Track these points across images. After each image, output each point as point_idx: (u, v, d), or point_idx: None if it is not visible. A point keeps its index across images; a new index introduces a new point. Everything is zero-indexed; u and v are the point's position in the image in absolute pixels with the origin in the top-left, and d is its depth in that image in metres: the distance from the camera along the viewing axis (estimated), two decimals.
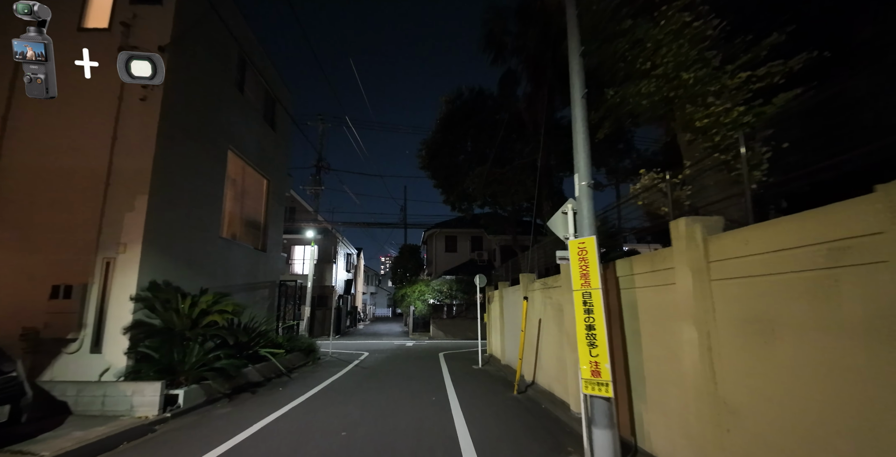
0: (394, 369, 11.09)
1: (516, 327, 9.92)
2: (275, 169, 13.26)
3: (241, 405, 7.04)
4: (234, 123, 10.52)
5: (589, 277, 4.08)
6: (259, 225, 12.60)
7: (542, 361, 7.86)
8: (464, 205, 14.95)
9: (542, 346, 7.77)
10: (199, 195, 9.02)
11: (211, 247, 9.51)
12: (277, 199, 13.54)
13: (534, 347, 8.13)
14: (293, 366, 11.20)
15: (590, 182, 4.38)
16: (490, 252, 25.17)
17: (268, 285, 12.84)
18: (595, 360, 3.95)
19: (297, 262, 24.04)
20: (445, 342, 19.46)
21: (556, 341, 6.90)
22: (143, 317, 7.29)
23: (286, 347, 11.27)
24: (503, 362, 11.58)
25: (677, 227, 3.53)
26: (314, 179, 20.75)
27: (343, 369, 10.89)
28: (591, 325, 4.01)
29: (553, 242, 8.53)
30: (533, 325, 8.17)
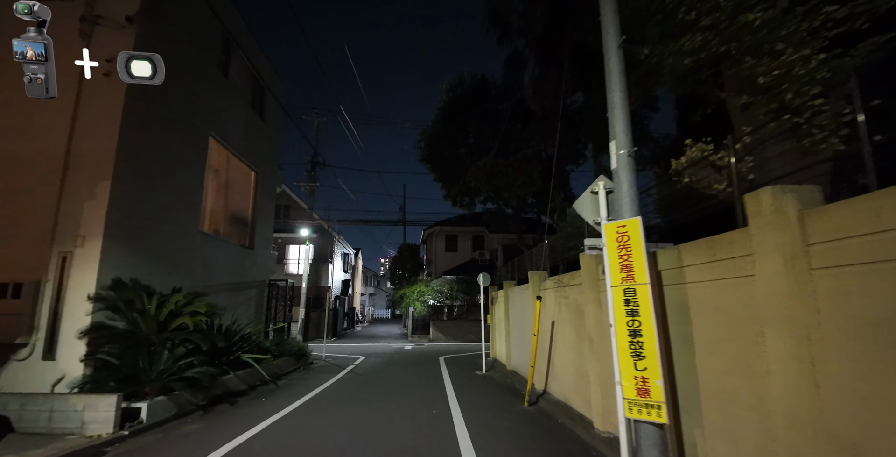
0: (390, 375, 10.21)
1: (525, 330, 9.05)
2: (264, 161, 12.41)
3: (215, 420, 6.17)
4: (216, 107, 9.67)
5: (633, 269, 3.23)
6: (246, 221, 11.73)
7: (555, 368, 6.99)
8: (465, 200, 14.08)
9: (556, 352, 6.90)
10: (174, 185, 8.16)
11: (189, 242, 8.64)
12: (267, 193, 12.69)
13: (546, 353, 7.26)
14: (281, 372, 10.33)
15: (630, 150, 3.52)
16: (492, 251, 24.31)
17: (256, 285, 11.97)
18: (642, 375, 3.09)
19: (291, 261, 23.16)
20: (446, 345, 18.57)
21: (574, 348, 6.04)
22: (104, 319, 6.42)
23: (274, 351, 10.42)
24: (509, 368, 10.70)
25: (758, 201, 2.67)
26: (309, 176, 19.91)
27: (335, 376, 10.01)
28: (637, 330, 3.15)
29: (570, 236, 7.68)
30: (545, 329, 7.31)
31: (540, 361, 7.57)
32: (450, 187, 13.57)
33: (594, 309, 5.18)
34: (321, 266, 23.25)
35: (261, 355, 8.87)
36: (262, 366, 9.36)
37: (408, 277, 24.30)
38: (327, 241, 23.65)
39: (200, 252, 9.03)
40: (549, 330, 7.12)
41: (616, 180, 3.58)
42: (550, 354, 7.11)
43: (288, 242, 23.19)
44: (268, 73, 12.75)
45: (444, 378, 9.53)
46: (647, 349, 3.07)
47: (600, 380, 5.02)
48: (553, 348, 7.01)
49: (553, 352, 7.03)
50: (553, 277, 7.11)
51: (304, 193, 21.44)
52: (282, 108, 13.63)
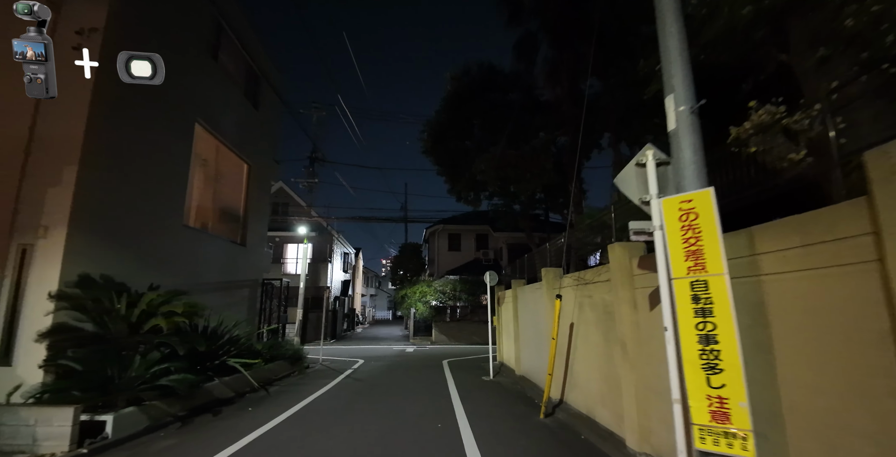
0: (391, 381, 9.48)
1: (537, 332, 8.31)
2: (258, 153, 11.71)
3: (192, 434, 5.46)
4: (204, 92, 8.98)
5: (703, 255, 2.50)
6: (238, 216, 11.03)
7: (575, 376, 6.25)
8: (471, 195, 13.35)
9: (576, 357, 6.16)
10: (156, 173, 7.46)
11: (172, 237, 7.94)
12: (261, 187, 11.98)
13: (563, 358, 6.53)
14: (275, 377, 9.61)
15: (694, 105, 2.80)
16: (496, 251, 23.56)
17: (248, 284, 11.26)
18: (718, 394, 2.36)
19: (289, 261, 22.46)
20: (449, 348, 17.82)
21: (601, 353, 5.30)
22: (68, 320, 5.71)
23: (266, 355, 9.69)
24: (518, 373, 9.96)
25: (889, 159, 1.95)
26: (308, 172, 19.25)
27: (332, 381, 9.28)
28: (710, 336, 2.42)
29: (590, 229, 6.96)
30: (562, 331, 6.57)
31: (556, 367, 6.84)
32: (454, 182, 12.83)
33: (628, 310, 4.45)
34: (320, 266, 22.54)
35: (250, 360, 8.15)
36: (252, 371, 8.65)
37: (409, 277, 23.58)
38: (326, 240, 22.94)
39: (185, 248, 8.33)
40: (566, 333, 6.38)
41: (675, 145, 2.85)
42: (569, 359, 6.37)
43: (286, 241, 22.49)
44: (263, 61, 12.07)
45: (448, 385, 8.79)
46: (727, 361, 2.34)
47: (635, 392, 4.28)
48: (572, 352, 6.27)
49: (572, 357, 6.29)
50: (571, 274, 6.38)
51: (303, 190, 20.79)
52: (279, 99, 12.95)
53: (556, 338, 5.72)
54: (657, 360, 4.01)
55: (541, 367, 8.19)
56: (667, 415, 3.66)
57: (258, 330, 11.72)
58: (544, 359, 7.88)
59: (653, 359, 4.09)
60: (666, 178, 3.13)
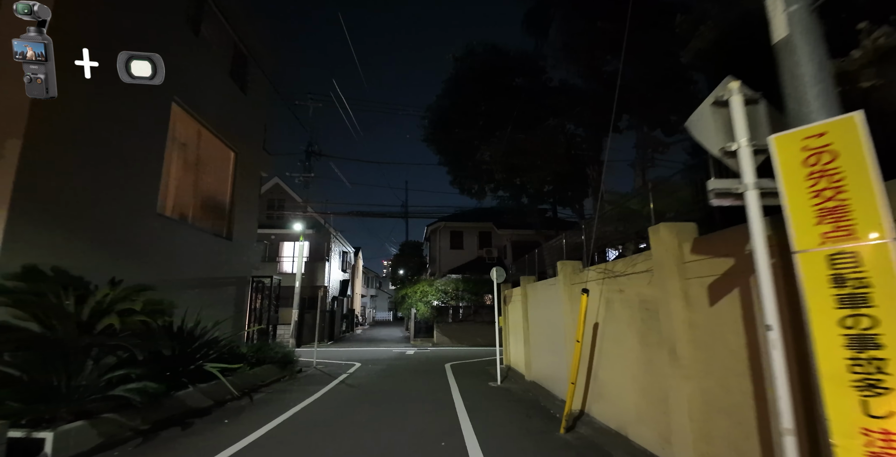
0: (389, 387, 8.61)
1: (552, 333, 7.44)
2: (246, 141, 10.89)
3: (151, 453, 4.60)
4: (182, 68, 8.15)
5: (850, 214, 1.65)
6: (223, 207, 10.20)
7: (600, 384, 5.38)
8: (475, 188, 12.51)
9: (603, 363, 5.30)
10: (124, 154, 6.64)
11: (144, 226, 7.11)
12: (249, 177, 11.15)
13: (585, 363, 5.66)
14: (261, 383, 8.76)
15: (812, 2, 1.93)
16: (500, 249, 22.70)
17: (235, 282, 10.42)
18: (884, 426, 1.50)
19: (285, 259, 21.62)
20: (451, 350, 16.94)
21: (636, 359, 4.43)
22: (8, 318, 4.86)
23: (251, 358, 8.85)
24: (529, 378, 9.08)
25: None
26: (304, 166, 18.45)
27: (323, 388, 8.42)
28: (867, 337, 1.56)
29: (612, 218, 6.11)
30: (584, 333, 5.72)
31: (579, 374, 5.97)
32: (458, 172, 11.98)
33: (678, 306, 3.58)
34: (317, 265, 21.70)
35: (231, 365, 7.30)
36: (234, 376, 7.80)
37: (410, 276, 22.73)
38: (324, 238, 22.10)
39: (160, 239, 7.49)
40: (589, 334, 5.51)
41: (787, 61, 2.01)
42: (592, 365, 5.50)
43: (282, 239, 21.67)
44: (252, 42, 11.25)
45: (452, 392, 7.93)
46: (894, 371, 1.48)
47: (691, 408, 3.42)
48: (597, 357, 5.40)
49: (596, 363, 5.42)
50: (596, 267, 5.52)
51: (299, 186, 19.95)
52: (269, 84, 12.13)
53: (581, 340, 4.85)
54: (724, 368, 3.14)
55: (556, 372, 7.32)
56: (742, 441, 2.79)
57: (246, 331, 10.87)
58: (560, 364, 7.02)
59: (716, 367, 3.23)
60: (756, 120, 2.27)
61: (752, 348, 2.87)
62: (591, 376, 5.55)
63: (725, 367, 3.14)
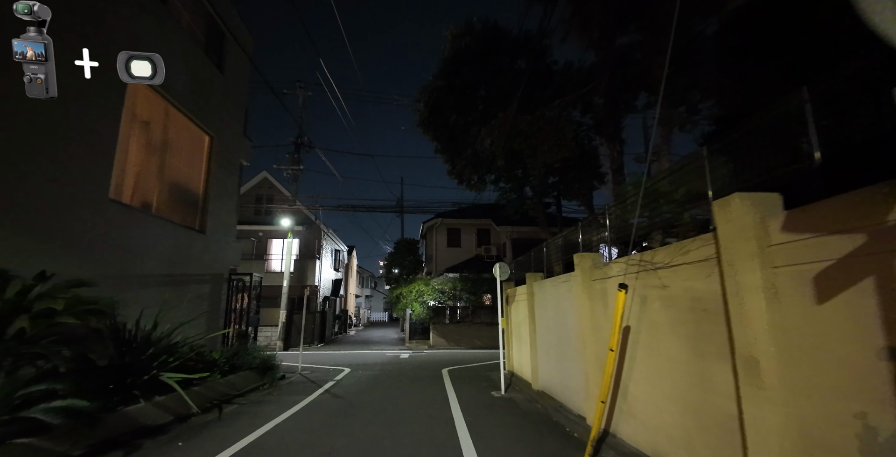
0: (378, 397, 7.64)
1: (564, 337, 6.51)
2: (223, 125, 9.89)
3: None
4: (145, 38, 7.17)
5: None
6: (195, 197, 9.19)
7: (631, 401, 4.43)
8: (474, 178, 11.54)
9: (635, 376, 4.35)
10: (64, 128, 5.64)
11: (90, 212, 6.10)
12: (226, 165, 10.14)
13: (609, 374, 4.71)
14: (236, 392, 7.79)
15: None
16: (499, 247, 21.75)
17: (210, 279, 9.41)
18: None
19: (274, 257, 20.58)
20: (449, 353, 15.98)
21: (685, 372, 3.49)
22: None
23: (223, 365, 7.86)
24: (536, 387, 8.14)
25: None
26: (292, 158, 17.38)
27: (305, 399, 7.44)
28: None
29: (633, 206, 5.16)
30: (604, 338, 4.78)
31: (595, 385, 5.03)
32: (455, 161, 10.99)
33: (760, 304, 2.65)
34: (307, 263, 20.67)
35: (195, 374, 6.31)
36: (204, 386, 6.87)
37: (405, 276, 21.75)
38: (315, 235, 21.07)
39: (113, 228, 6.49)
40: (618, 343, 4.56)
41: None
42: (620, 377, 4.55)
43: (270, 236, 20.63)
44: (231, 16, 10.27)
45: (450, 403, 6.97)
46: None
47: (782, 443, 2.48)
48: (626, 368, 4.46)
49: (626, 375, 4.47)
50: (625, 258, 4.57)
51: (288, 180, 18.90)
52: (249, 64, 11.13)
53: (616, 349, 3.89)
54: (833, 390, 2.21)
55: (568, 381, 6.39)
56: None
57: (225, 334, 9.86)
58: (574, 372, 6.08)
59: (821, 388, 2.29)
60: None
61: (892, 361, 1.95)
62: (618, 390, 4.60)
63: (836, 388, 2.21)
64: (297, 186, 17.55)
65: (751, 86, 6.38)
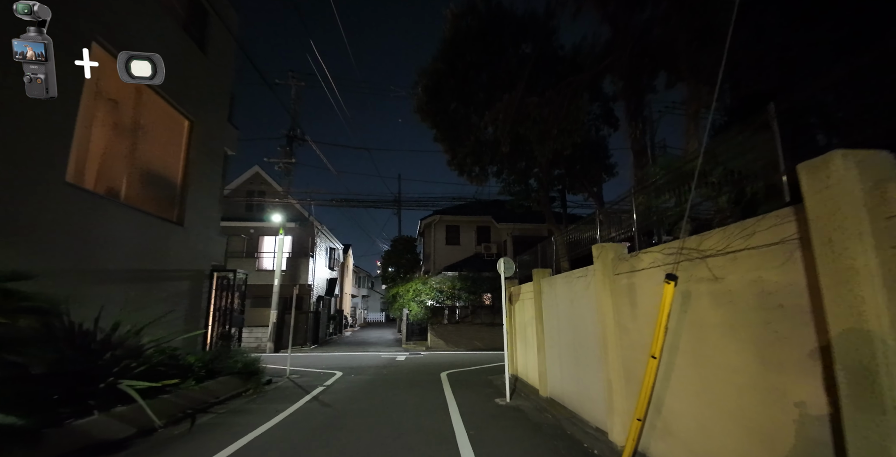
0: (370, 406, 6.93)
1: (579, 339, 5.81)
2: (205, 109, 9.16)
3: None
4: (111, 7, 6.44)
5: None
6: (173, 185, 8.45)
7: (668, 417, 3.72)
8: (476, 170, 10.84)
9: (674, 386, 3.64)
10: (10, 100, 4.91)
11: (43, 198, 5.37)
12: (210, 153, 9.41)
13: (635, 382, 4.01)
14: (214, 400, 7.08)
15: None
16: (499, 245, 21.05)
17: (188, 276, 8.68)
18: None
19: (265, 255, 19.82)
20: (447, 355, 15.26)
21: (749, 386, 2.79)
22: None
23: (198, 371, 7.13)
24: (545, 394, 7.43)
25: None
26: (284, 151, 16.63)
27: (290, 407, 6.72)
28: None
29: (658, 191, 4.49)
30: (636, 342, 4.08)
31: (627, 396, 4.32)
32: (456, 150, 10.27)
33: (876, 296, 1.95)
34: (301, 261, 19.92)
35: (158, 383, 5.57)
36: (176, 394, 6.15)
37: (402, 275, 21.02)
38: (308, 232, 20.31)
39: (70, 216, 5.75)
40: (643, 343, 3.87)
41: None
42: (654, 388, 3.84)
43: (262, 233, 19.87)
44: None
45: (451, 413, 6.26)
46: None
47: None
48: (662, 377, 3.74)
49: (661, 385, 3.76)
50: (660, 247, 3.87)
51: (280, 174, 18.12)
52: (234, 44, 10.40)
53: (659, 356, 3.18)
54: None
55: (583, 389, 5.68)
56: None
57: (199, 334, 9.12)
58: (590, 378, 5.37)
59: None
60: None
61: None
62: (650, 403, 3.89)
63: None
64: (289, 180, 16.81)
65: (790, 59, 5.69)
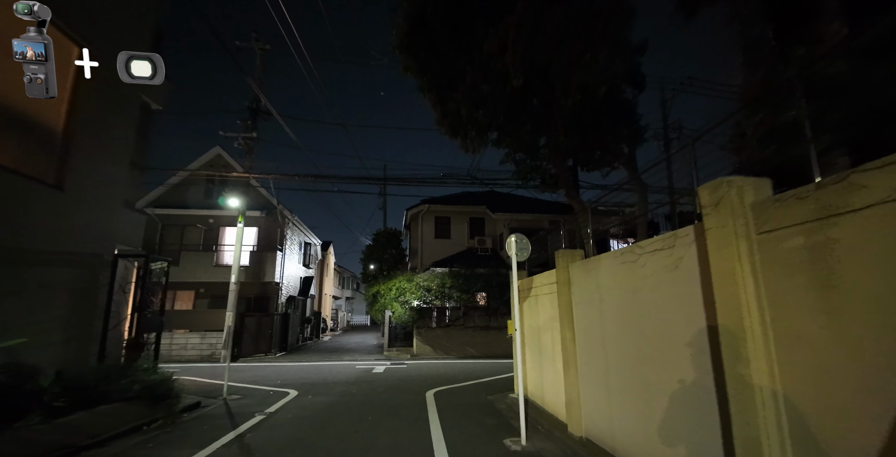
0: (320, 453, 4.56)
1: (644, 349, 3.53)
2: (107, 35, 6.71)
3: None
4: None
5: None
6: (50, 135, 6.01)
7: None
8: (472, 132, 8.55)
9: None
10: None
11: None
12: (115, 98, 6.96)
13: (748, 413, 1.72)
14: (90, 440, 4.68)
15: None
16: (495, 238, 18.79)
17: (72, 261, 6.23)
18: None
19: (227, 249, 17.25)
20: (435, 365, 12.87)
21: None
22: None
23: (57, 399, 4.73)
24: (578, 433, 5.13)
25: None
26: (246, 125, 14.22)
27: (200, 452, 4.34)
28: None
29: None
30: (782, 358, 1.82)
31: (748, 445, 2.05)
32: (446, 102, 7.93)
33: None
34: (267, 255, 17.39)
35: None
36: (9, 436, 3.75)
37: (385, 272, 18.61)
38: (275, 222, 17.79)
39: None
40: (761, 348, 1.62)
41: None
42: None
43: (222, 224, 17.32)
44: None
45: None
46: None
47: None
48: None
49: None
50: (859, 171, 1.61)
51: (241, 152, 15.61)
52: None
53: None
54: None
55: (652, 427, 3.38)
56: None
57: (103, 343, 6.67)
58: (674, 413, 3.08)
59: None
60: None
61: None
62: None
63: None
64: (251, 158, 14.38)
65: None
